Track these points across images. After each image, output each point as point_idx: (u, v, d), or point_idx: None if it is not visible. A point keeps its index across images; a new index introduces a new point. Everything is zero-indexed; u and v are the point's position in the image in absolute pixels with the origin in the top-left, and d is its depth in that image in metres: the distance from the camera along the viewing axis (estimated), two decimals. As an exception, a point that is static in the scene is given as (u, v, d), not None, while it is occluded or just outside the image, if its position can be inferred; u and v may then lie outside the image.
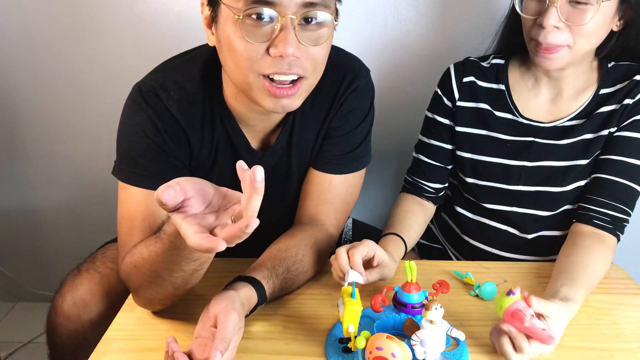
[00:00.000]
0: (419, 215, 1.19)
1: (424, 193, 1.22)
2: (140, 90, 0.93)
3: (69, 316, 1.00)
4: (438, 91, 1.20)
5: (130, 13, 1.49)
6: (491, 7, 1.29)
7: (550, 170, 1.12)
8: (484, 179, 1.17)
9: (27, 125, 1.67)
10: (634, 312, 0.95)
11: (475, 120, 1.16)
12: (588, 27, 0.98)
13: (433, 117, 1.20)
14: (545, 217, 1.15)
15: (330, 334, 0.87)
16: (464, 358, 0.82)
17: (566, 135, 1.10)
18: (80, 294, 1.01)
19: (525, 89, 1.14)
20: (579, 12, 0.97)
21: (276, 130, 1.03)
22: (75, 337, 1.00)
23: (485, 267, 1.08)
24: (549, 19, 0.97)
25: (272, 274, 0.91)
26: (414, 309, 0.86)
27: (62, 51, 1.55)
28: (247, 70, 0.84)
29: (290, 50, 0.81)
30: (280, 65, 0.83)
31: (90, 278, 1.03)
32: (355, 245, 0.93)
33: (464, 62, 1.18)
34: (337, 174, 1.05)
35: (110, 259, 1.07)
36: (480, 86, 1.16)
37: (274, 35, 0.81)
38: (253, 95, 0.87)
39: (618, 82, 1.09)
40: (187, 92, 0.94)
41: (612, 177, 1.06)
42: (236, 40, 0.82)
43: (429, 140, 1.21)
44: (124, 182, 0.93)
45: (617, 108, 1.07)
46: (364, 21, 1.45)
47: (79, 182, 1.74)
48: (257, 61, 0.83)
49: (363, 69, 1.05)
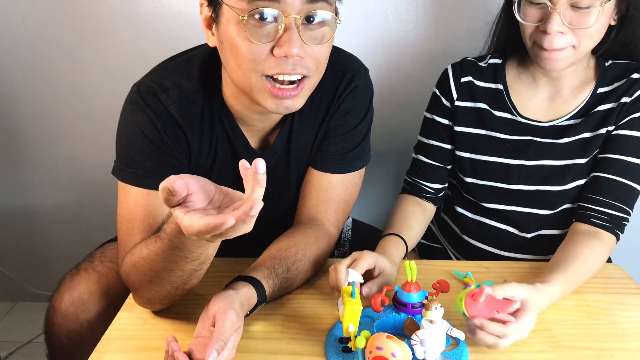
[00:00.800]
0: (419, 216, 1.19)
1: (423, 194, 1.22)
2: (139, 91, 0.93)
3: (67, 315, 1.00)
4: (436, 92, 1.20)
5: (130, 12, 1.49)
6: (491, 7, 1.29)
7: (549, 169, 1.12)
8: (484, 178, 1.17)
9: (27, 125, 1.67)
10: (634, 311, 0.95)
11: (474, 120, 1.16)
12: (592, 28, 0.98)
13: (432, 118, 1.20)
14: (545, 216, 1.15)
15: (330, 333, 0.87)
16: (464, 358, 0.82)
17: (564, 134, 1.10)
18: (78, 293, 1.01)
19: (523, 88, 1.14)
20: (582, 15, 0.97)
21: (275, 130, 1.03)
22: (73, 336, 1.00)
23: (485, 267, 1.08)
24: (553, 25, 0.97)
25: (272, 273, 0.91)
26: (414, 308, 0.86)
27: (62, 51, 1.55)
28: (250, 71, 0.84)
29: (295, 50, 0.81)
30: (284, 66, 0.83)
31: (89, 277, 1.03)
32: (357, 261, 0.92)
33: (461, 63, 1.18)
34: (336, 174, 1.05)
35: (109, 259, 1.07)
36: (478, 86, 1.16)
37: (278, 36, 0.81)
38: (255, 96, 0.87)
39: (615, 81, 1.09)
40: (186, 92, 0.94)
41: (610, 176, 1.06)
42: (240, 40, 0.82)
43: (428, 140, 1.21)
44: (123, 182, 0.93)
45: (615, 106, 1.07)
46: (364, 21, 1.45)
47: (79, 182, 1.74)
48: (261, 62, 0.83)
49: (362, 68, 1.05)
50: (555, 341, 0.86)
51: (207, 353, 0.70)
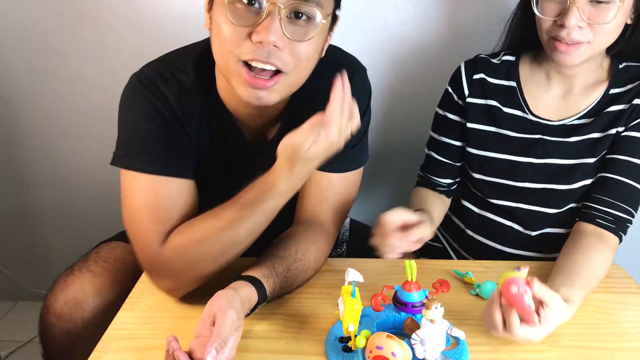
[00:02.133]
0: (437, 201, 1.22)
1: (437, 187, 1.24)
2: (139, 79, 0.93)
3: (61, 315, 1.00)
4: (449, 89, 1.20)
5: (131, 12, 1.49)
6: (492, 6, 1.29)
7: (557, 167, 1.12)
8: (491, 175, 1.17)
9: (27, 125, 1.67)
10: (634, 311, 0.95)
11: (485, 117, 1.16)
12: (610, 24, 0.98)
13: (444, 115, 1.21)
14: (550, 215, 1.15)
15: (330, 333, 0.87)
16: (464, 357, 0.82)
17: (574, 133, 1.10)
18: (72, 293, 1.00)
19: (536, 86, 1.14)
20: (601, 10, 0.97)
21: (274, 127, 1.03)
22: (68, 335, 1.00)
23: (485, 267, 1.08)
24: (571, 19, 0.97)
25: (273, 272, 0.91)
26: (414, 308, 0.86)
27: (62, 50, 1.55)
28: (228, 54, 0.84)
29: (272, 37, 0.80)
30: (259, 52, 0.82)
31: (82, 277, 1.02)
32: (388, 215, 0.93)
33: (474, 60, 1.19)
34: (335, 173, 1.05)
35: (103, 258, 1.07)
36: (491, 83, 1.16)
37: (259, 22, 0.81)
38: (232, 81, 0.87)
39: (629, 82, 1.09)
40: (184, 84, 0.94)
41: (617, 177, 1.06)
42: (222, 21, 0.83)
43: (440, 137, 1.22)
44: (134, 170, 0.91)
45: (626, 108, 1.07)
46: (364, 20, 1.45)
47: (79, 181, 1.74)
48: (238, 44, 0.83)
49: (359, 68, 1.05)
50: (555, 340, 0.86)
51: (206, 351, 0.71)
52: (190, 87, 0.94)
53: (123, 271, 1.06)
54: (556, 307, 0.82)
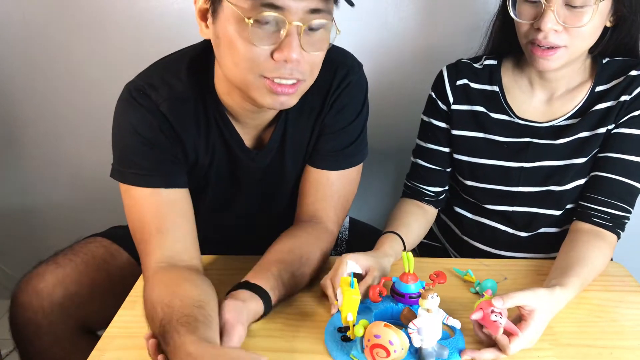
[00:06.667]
0: (418, 216, 1.18)
1: (424, 197, 1.21)
2: (129, 91, 0.94)
3: (23, 304, 1.03)
4: (432, 95, 1.18)
5: (131, 10, 1.49)
6: (490, 4, 1.29)
7: (549, 170, 1.11)
8: (483, 181, 1.16)
9: (27, 124, 1.67)
10: (634, 309, 0.94)
11: (471, 123, 1.15)
12: (586, 28, 0.97)
13: (429, 121, 1.19)
14: (548, 216, 1.14)
15: (330, 323, 0.88)
16: (460, 346, 0.82)
17: (562, 134, 1.10)
18: (34, 283, 1.03)
19: (519, 90, 1.13)
20: (576, 14, 0.97)
21: (269, 129, 1.03)
22: (29, 324, 1.03)
23: (485, 265, 1.08)
24: (547, 22, 0.97)
25: (279, 282, 0.90)
26: (412, 299, 0.87)
27: (62, 49, 1.55)
28: (247, 71, 0.85)
29: (294, 55, 0.82)
30: (282, 70, 0.84)
31: (47, 268, 1.05)
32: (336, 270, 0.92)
33: (456, 65, 1.17)
34: (334, 170, 1.05)
35: (73, 252, 1.10)
36: (474, 88, 1.15)
37: (280, 40, 0.82)
38: (251, 93, 0.87)
39: (613, 78, 1.08)
40: (176, 90, 0.94)
41: (611, 175, 1.06)
42: (240, 40, 0.83)
43: (427, 144, 1.20)
44: (125, 183, 0.93)
45: (614, 105, 1.06)
46: (363, 18, 1.45)
47: (79, 180, 1.73)
48: (260, 64, 0.84)
49: (355, 64, 1.04)
50: (555, 339, 0.86)
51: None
52: (184, 92, 0.94)
53: (91, 265, 1.08)
54: (535, 302, 0.82)
